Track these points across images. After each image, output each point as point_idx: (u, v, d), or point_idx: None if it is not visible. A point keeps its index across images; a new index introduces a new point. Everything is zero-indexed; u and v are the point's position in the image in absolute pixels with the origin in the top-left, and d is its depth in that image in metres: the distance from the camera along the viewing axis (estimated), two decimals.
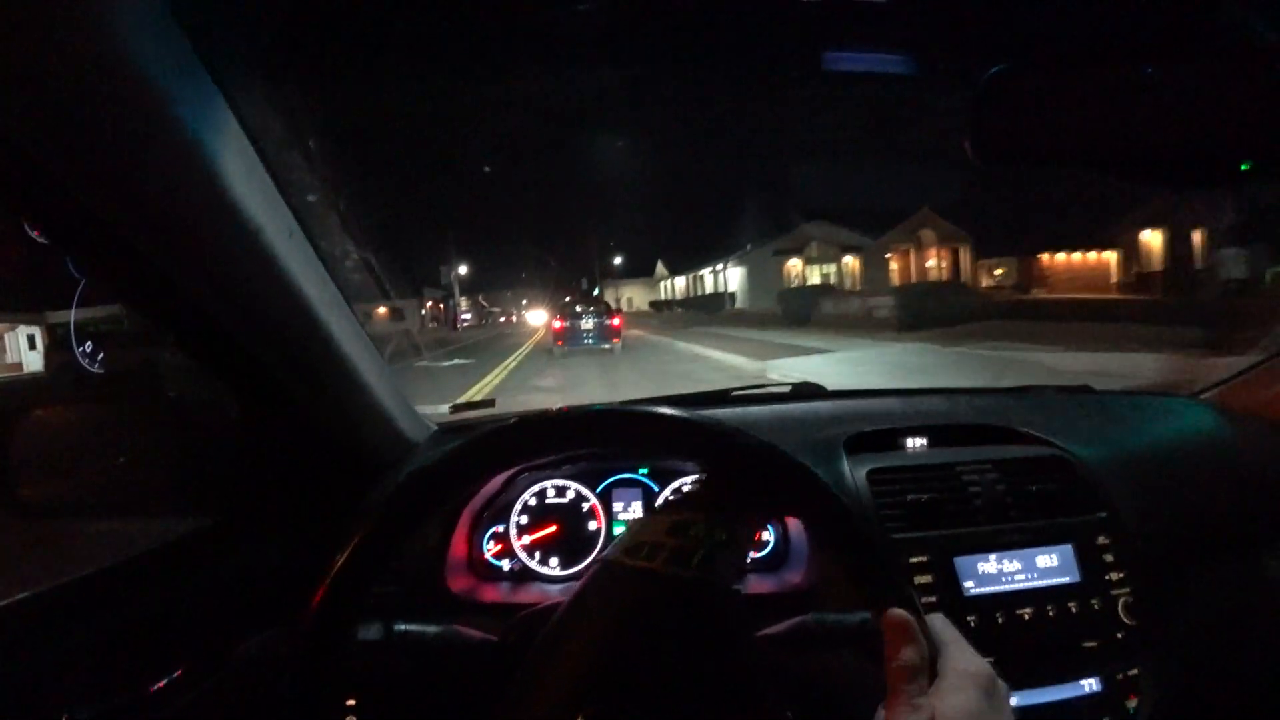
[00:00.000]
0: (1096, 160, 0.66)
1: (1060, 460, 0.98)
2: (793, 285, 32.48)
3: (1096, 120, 0.61)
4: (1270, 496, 1.02)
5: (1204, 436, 1.12)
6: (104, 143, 0.50)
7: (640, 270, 56.62)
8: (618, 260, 58.16)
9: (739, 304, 31.93)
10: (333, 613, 0.48)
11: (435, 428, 1.09)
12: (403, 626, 0.58)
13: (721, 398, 1.24)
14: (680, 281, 45.94)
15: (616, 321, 12.33)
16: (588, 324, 12.16)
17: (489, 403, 1.12)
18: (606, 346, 11.93)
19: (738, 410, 1.16)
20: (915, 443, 1.04)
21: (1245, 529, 1.01)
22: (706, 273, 38.76)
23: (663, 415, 0.53)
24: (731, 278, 34.02)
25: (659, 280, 50.62)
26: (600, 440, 0.56)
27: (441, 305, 49.09)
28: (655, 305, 46.86)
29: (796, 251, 32.60)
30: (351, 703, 0.57)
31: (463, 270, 44.55)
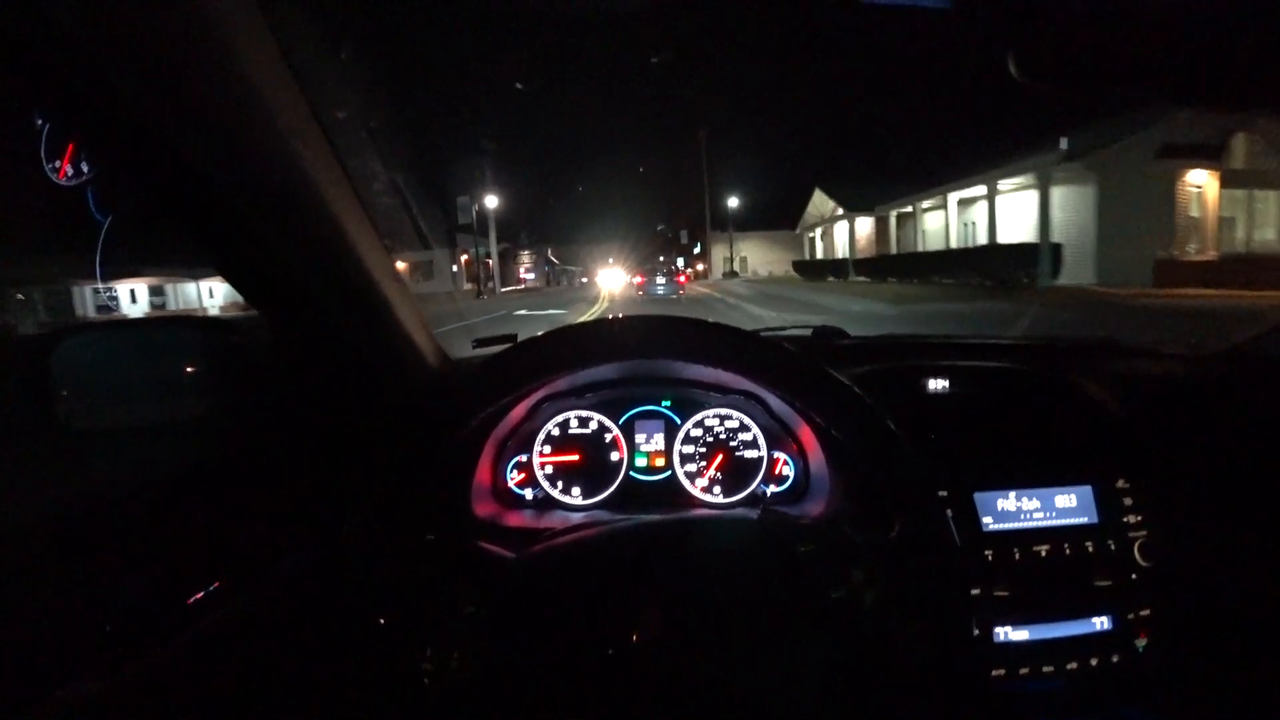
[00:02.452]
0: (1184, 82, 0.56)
1: (1082, 404, 0.99)
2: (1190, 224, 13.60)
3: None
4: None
5: (1222, 387, 1.15)
6: (144, 48, 0.53)
7: (771, 220, 38.80)
8: (734, 202, 40.37)
9: (1065, 269, 13.44)
10: (367, 531, 0.51)
11: (456, 360, 1.14)
12: (431, 539, 0.65)
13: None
14: (863, 224, 24.45)
15: (682, 279, 20.59)
16: (661, 279, 19.43)
17: (510, 337, 1.10)
18: (674, 296, 18.12)
19: None
20: (937, 384, 1.03)
21: (1255, 471, 1.01)
22: (953, 200, 18.51)
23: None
24: (1052, 206, 14.39)
25: (812, 227, 31.21)
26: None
27: (488, 259, 33.43)
28: (804, 268, 28.44)
29: (1206, 153, 13.53)
30: (383, 621, 0.59)
31: (491, 203, 28.29)
